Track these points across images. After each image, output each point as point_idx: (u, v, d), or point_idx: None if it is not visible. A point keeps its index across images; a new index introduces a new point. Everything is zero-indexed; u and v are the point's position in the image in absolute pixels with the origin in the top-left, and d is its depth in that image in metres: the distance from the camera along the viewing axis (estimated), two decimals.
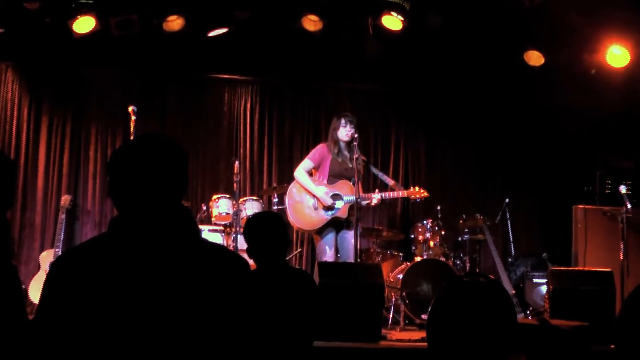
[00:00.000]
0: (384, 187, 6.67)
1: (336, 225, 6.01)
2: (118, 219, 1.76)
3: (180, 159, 1.81)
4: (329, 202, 5.90)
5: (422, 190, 6.23)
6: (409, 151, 8.50)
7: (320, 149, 6.17)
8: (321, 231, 5.98)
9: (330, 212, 5.94)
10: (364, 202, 5.99)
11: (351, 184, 5.86)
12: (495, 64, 7.74)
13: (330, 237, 5.97)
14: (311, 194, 6.00)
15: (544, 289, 6.81)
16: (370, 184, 7.57)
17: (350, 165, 5.94)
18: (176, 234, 1.74)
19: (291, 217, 6.02)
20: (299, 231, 7.43)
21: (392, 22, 6.80)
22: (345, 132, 5.99)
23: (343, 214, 5.94)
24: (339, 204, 5.95)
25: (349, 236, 5.93)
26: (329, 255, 5.92)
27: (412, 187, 6.32)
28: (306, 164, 6.14)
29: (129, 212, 1.75)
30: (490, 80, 8.13)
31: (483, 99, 8.43)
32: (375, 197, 5.96)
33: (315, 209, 5.98)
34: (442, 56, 7.81)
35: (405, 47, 7.58)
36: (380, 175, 6.34)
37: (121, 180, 1.77)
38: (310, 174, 6.14)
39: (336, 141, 6.05)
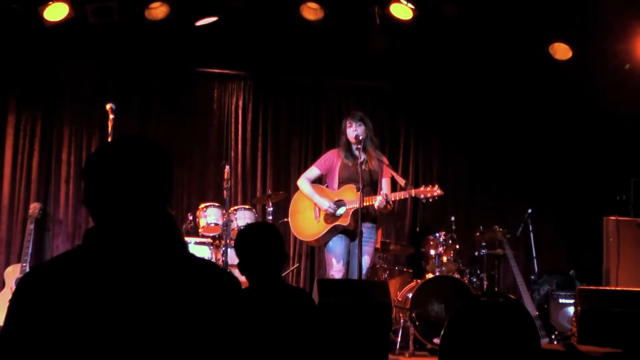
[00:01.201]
0: (394, 188, 6.64)
1: (345, 234, 5.99)
2: (94, 231, 1.75)
3: (164, 163, 1.80)
4: (326, 205, 5.89)
5: (434, 187, 5.94)
6: (419, 156, 8.51)
7: (328, 155, 6.21)
8: (327, 241, 5.98)
9: (331, 220, 5.93)
10: (375, 205, 5.90)
11: (356, 188, 5.83)
12: (516, 58, 7.75)
13: (337, 247, 5.94)
14: (312, 202, 6.02)
15: (571, 310, 6.80)
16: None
17: (364, 169, 5.93)
18: (159, 248, 1.73)
19: (293, 228, 6.09)
20: (298, 243, 7.43)
21: (402, 10, 6.81)
22: (351, 132, 5.99)
23: (345, 221, 5.92)
24: (340, 211, 5.93)
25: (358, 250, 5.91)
26: (336, 270, 5.89)
27: (422, 186, 6.08)
28: (311, 171, 6.19)
29: (106, 222, 1.74)
30: (510, 76, 8.13)
31: (502, 97, 8.44)
32: (379, 199, 5.86)
33: (317, 217, 5.99)
34: (457, 50, 7.82)
35: (416, 39, 7.60)
36: (395, 176, 6.28)
37: (97, 186, 1.75)
38: (320, 182, 6.18)
39: (345, 144, 6.07)
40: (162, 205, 1.78)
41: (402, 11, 6.81)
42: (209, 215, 6.91)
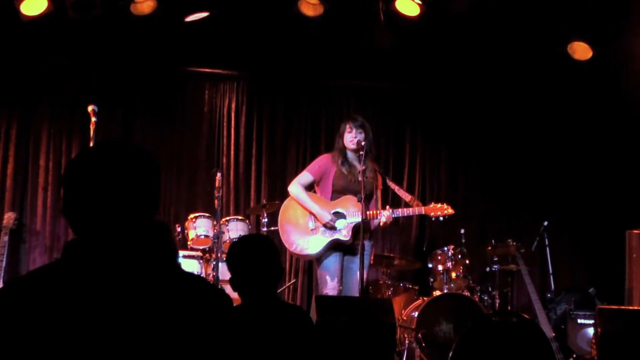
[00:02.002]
0: (395, 204, 6.65)
1: (340, 250, 5.98)
2: (74, 243, 1.75)
3: (150, 169, 1.79)
4: (327, 218, 5.87)
5: (445, 206, 6.11)
6: (426, 163, 8.52)
7: (321, 160, 6.15)
8: (321, 257, 5.96)
9: (330, 234, 5.92)
10: (375, 222, 5.96)
11: (357, 200, 5.82)
12: (531, 58, 7.75)
13: (332, 264, 5.94)
14: (308, 211, 5.98)
15: (590, 331, 6.78)
16: (387, 199, 7.58)
17: (360, 179, 5.92)
18: (143, 263, 1.72)
19: (284, 241, 6.00)
20: (294, 257, 7.42)
21: (408, 6, 6.82)
22: (349, 138, 5.97)
23: (345, 237, 5.92)
24: (340, 224, 5.92)
25: (355, 265, 5.89)
26: (330, 287, 5.89)
27: (432, 203, 6.21)
28: (303, 176, 6.12)
29: (87, 234, 1.74)
30: (525, 78, 8.15)
31: (516, 101, 8.45)
32: (385, 214, 5.89)
33: (313, 229, 5.96)
34: (467, 49, 7.83)
35: (424, 37, 7.60)
36: (397, 189, 6.29)
37: (77, 195, 1.75)
38: (313, 190, 6.13)
39: (342, 149, 6.03)
40: (149, 215, 1.78)
41: (409, 7, 6.82)
42: (199, 227, 6.90)
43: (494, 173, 8.53)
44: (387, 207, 6.03)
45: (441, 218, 6.09)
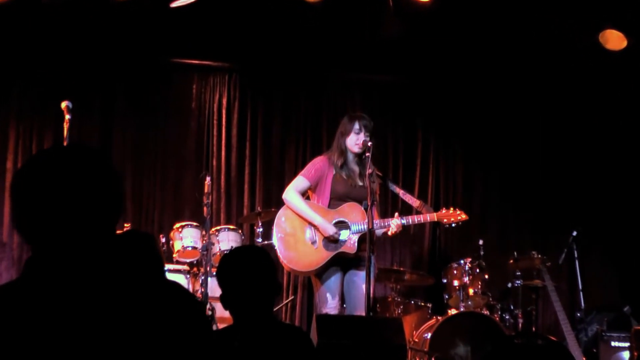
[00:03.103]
0: (406, 211, 6.66)
1: (342, 264, 5.97)
2: (33, 260, 1.76)
3: (106, 175, 1.81)
4: (331, 231, 5.87)
5: (458, 212, 6.13)
6: (440, 165, 8.52)
7: (317, 163, 6.12)
8: (322, 273, 5.95)
9: (333, 246, 5.92)
10: (380, 232, 5.96)
11: (362, 207, 5.82)
12: (558, 48, 7.76)
13: (334, 281, 5.93)
14: (307, 222, 5.97)
15: (626, 355, 6.78)
16: (389, 206, 7.58)
17: (361, 184, 5.90)
18: (107, 278, 1.73)
19: (281, 255, 5.98)
20: (292, 273, 7.41)
21: None
22: (356, 139, 5.95)
23: (351, 249, 5.91)
24: (344, 235, 5.92)
25: (360, 279, 5.89)
26: (331, 306, 5.88)
27: (443, 209, 6.22)
28: (299, 182, 6.10)
29: (43, 249, 1.75)
30: (551, 70, 8.15)
31: (540, 95, 8.45)
32: (394, 222, 5.87)
33: (313, 242, 5.94)
34: (485, 38, 7.84)
35: (437, 24, 7.61)
36: (402, 194, 6.29)
37: (27, 207, 1.76)
38: (306, 196, 6.11)
39: (342, 151, 6.01)
40: (108, 222, 1.80)
41: None
42: (186, 237, 6.90)
43: (516, 176, 8.52)
44: (396, 214, 6.03)
45: (454, 225, 6.09)
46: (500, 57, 8.09)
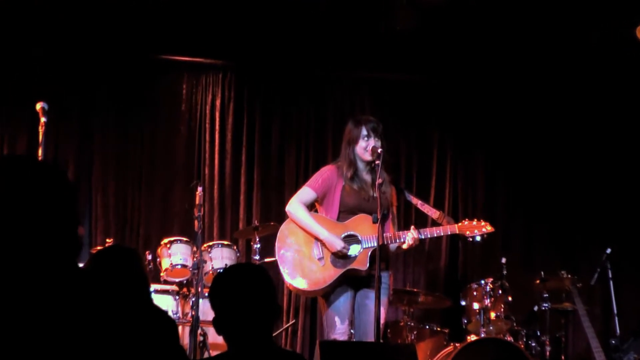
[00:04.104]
0: (420, 224, 6.63)
1: (353, 283, 5.94)
2: None
3: (56, 185, 1.88)
4: (339, 245, 5.85)
5: (482, 223, 6.04)
6: (458, 173, 8.52)
7: (325, 173, 6.11)
8: (329, 293, 5.93)
9: (342, 263, 5.90)
10: (394, 246, 5.94)
11: (372, 219, 5.80)
12: (591, 43, 7.76)
13: (343, 302, 5.90)
14: (313, 236, 5.96)
15: None
16: (401, 218, 7.57)
17: (373, 195, 5.89)
18: (62, 295, 1.79)
19: (284, 273, 5.97)
20: (294, 293, 7.40)
21: None
22: (365, 146, 5.93)
23: (362, 266, 5.88)
24: (354, 250, 5.89)
25: (372, 302, 5.86)
26: (339, 332, 5.86)
27: (466, 220, 6.13)
28: (304, 193, 6.09)
29: None
30: (582, 68, 8.16)
31: (569, 96, 8.46)
32: (410, 235, 5.84)
33: (320, 259, 5.93)
34: (507, 32, 7.84)
35: (454, 19, 7.62)
36: (420, 205, 6.26)
37: None
38: (311, 209, 6.10)
39: (352, 161, 5.99)
40: (58, 236, 1.85)
41: None
42: (175, 254, 6.90)
43: (543, 187, 8.51)
44: (412, 227, 5.99)
45: (478, 238, 5.99)
46: (525, 53, 8.09)
